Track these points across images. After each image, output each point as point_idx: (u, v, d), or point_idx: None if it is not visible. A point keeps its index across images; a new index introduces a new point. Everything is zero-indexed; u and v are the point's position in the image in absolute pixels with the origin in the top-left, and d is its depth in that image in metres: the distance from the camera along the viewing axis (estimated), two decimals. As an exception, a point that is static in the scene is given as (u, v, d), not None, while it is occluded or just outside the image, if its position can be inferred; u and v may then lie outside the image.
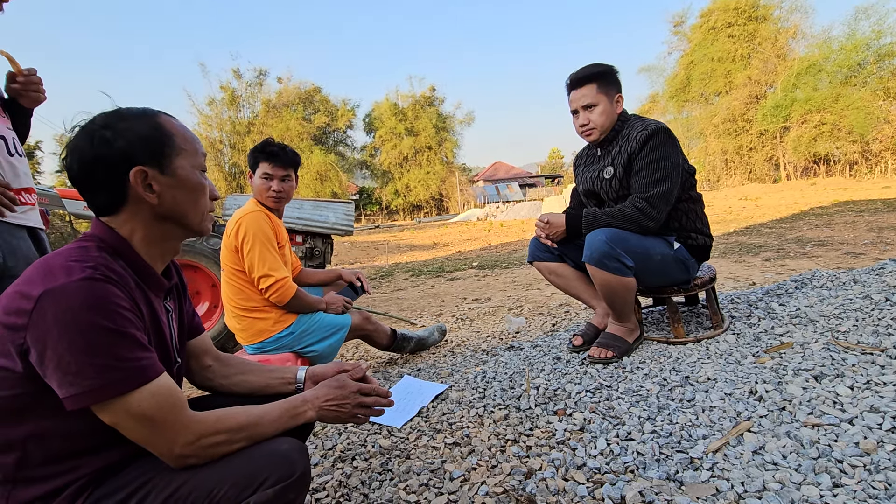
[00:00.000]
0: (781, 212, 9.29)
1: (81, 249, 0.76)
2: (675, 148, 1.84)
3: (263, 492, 0.74)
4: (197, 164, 0.87)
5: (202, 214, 0.89)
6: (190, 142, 0.86)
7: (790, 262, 4.10)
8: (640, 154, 1.83)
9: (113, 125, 0.79)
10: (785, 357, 1.62)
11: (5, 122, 1.40)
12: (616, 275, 1.77)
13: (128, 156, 0.79)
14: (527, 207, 23.23)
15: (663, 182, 1.80)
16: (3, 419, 0.70)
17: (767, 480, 1.09)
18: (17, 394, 0.70)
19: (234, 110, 30.29)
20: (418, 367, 2.28)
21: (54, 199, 3.35)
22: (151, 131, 0.81)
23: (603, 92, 1.89)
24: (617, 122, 1.93)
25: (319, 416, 0.92)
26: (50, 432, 0.72)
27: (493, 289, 4.46)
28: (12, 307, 0.69)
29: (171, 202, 0.83)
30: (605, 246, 1.75)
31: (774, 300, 2.22)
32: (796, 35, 22.50)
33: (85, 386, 0.67)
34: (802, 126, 20.33)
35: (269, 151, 2.02)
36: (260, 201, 2.06)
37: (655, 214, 1.80)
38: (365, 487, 1.32)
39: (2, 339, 0.69)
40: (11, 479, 0.71)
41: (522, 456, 1.36)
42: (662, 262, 1.85)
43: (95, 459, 0.75)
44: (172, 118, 0.87)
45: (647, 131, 1.82)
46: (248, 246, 1.90)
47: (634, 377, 1.70)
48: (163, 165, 0.82)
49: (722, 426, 1.33)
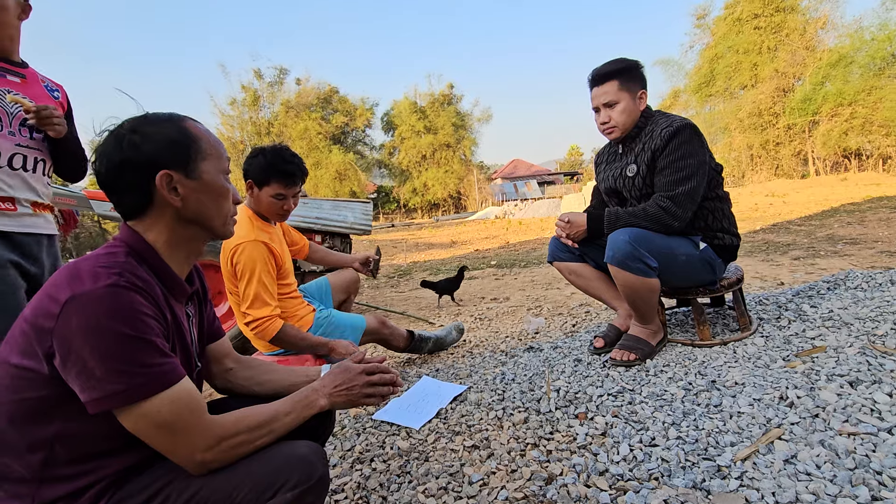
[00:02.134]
0: (810, 208, 8.99)
1: (110, 255, 0.78)
2: (702, 145, 1.78)
3: (283, 495, 0.74)
4: (221, 169, 0.88)
5: (225, 218, 0.90)
6: (214, 146, 0.87)
7: (820, 262, 3.96)
8: (665, 151, 1.77)
9: (140, 129, 0.81)
10: (817, 361, 1.56)
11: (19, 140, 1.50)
12: (639, 276, 1.73)
13: (154, 160, 0.80)
14: (545, 205, 23.03)
15: (688, 180, 1.74)
16: (30, 420, 0.71)
17: (800, 491, 1.05)
18: (43, 395, 0.71)
19: (254, 111, 30.77)
20: (436, 368, 2.27)
21: (82, 200, 3.44)
22: (178, 136, 0.82)
23: (625, 89, 1.84)
24: (640, 118, 1.88)
25: (332, 402, 0.93)
26: (75, 433, 0.73)
27: (511, 288, 4.42)
28: (40, 310, 0.71)
29: (196, 205, 0.84)
30: (628, 246, 1.71)
31: (805, 302, 2.14)
32: (826, 25, 21.74)
33: (107, 390, 0.68)
34: (832, 119, 19.64)
35: (286, 171, 1.86)
36: (260, 214, 1.94)
37: (680, 213, 1.75)
38: (383, 490, 1.32)
39: (29, 341, 0.71)
40: (38, 478, 0.72)
41: (543, 460, 1.34)
42: (688, 262, 1.80)
43: (118, 460, 0.76)
44: (198, 123, 0.88)
45: (672, 128, 1.76)
46: (242, 280, 1.81)
47: (658, 381, 1.66)
48: (188, 169, 0.83)
49: (751, 433, 1.28)
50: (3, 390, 0.72)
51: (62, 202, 3.47)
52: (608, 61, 1.89)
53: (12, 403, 0.71)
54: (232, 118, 30.24)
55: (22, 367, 0.71)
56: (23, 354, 0.71)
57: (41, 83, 1.61)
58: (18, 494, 0.72)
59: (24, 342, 0.71)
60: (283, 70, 31.07)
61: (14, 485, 0.72)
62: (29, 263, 1.50)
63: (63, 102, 1.68)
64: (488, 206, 29.25)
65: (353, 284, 2.43)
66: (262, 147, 1.92)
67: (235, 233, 1.85)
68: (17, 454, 0.72)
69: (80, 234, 13.29)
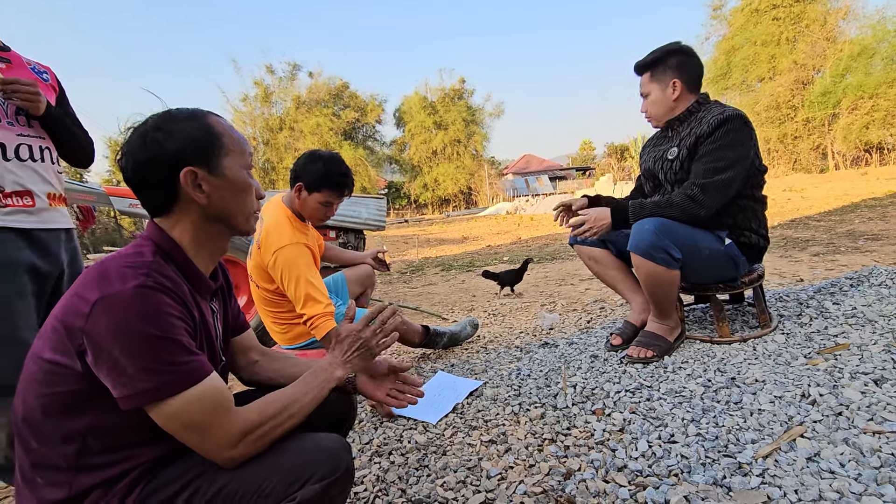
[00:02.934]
0: (830, 203, 8.80)
1: (137, 254, 0.79)
2: (749, 138, 1.75)
3: (310, 487, 0.75)
4: (244, 164, 0.89)
5: (248, 214, 0.90)
6: (237, 142, 0.88)
7: (841, 258, 3.89)
8: (710, 139, 1.75)
9: (164, 127, 0.82)
10: (840, 359, 1.54)
11: (19, 130, 1.42)
12: (662, 266, 1.71)
13: (179, 156, 0.81)
14: (557, 200, 22.88)
15: (724, 171, 1.72)
16: (65, 412, 0.74)
17: (824, 489, 1.04)
18: (76, 389, 0.73)
19: (266, 107, 30.92)
20: (451, 363, 2.28)
21: (101, 196, 3.50)
22: (201, 132, 0.83)
23: (655, 80, 1.90)
24: (693, 104, 1.87)
25: (349, 369, 0.96)
26: (107, 425, 0.75)
27: (524, 284, 4.41)
28: (71, 309, 0.73)
29: (220, 202, 0.85)
30: (653, 236, 1.69)
31: (828, 298, 2.11)
32: (847, 16, 21.17)
33: (137, 388, 0.70)
34: (853, 113, 19.16)
35: (340, 183, 1.92)
36: (299, 214, 1.99)
37: (707, 202, 1.72)
38: (402, 483, 1.33)
39: (62, 338, 0.73)
40: (74, 467, 0.74)
41: (560, 456, 1.34)
42: (711, 256, 1.78)
43: (151, 450, 0.78)
44: (221, 119, 0.89)
45: (723, 116, 1.74)
46: (291, 283, 1.83)
47: (677, 377, 1.65)
48: (212, 166, 0.83)
49: (772, 430, 1.27)
50: (36, 384, 0.74)
51: (81, 198, 3.54)
52: (651, 51, 1.92)
53: (46, 396, 0.73)
54: (244, 114, 30.40)
55: (55, 363, 0.73)
56: (55, 351, 0.73)
57: (27, 66, 1.53)
58: (56, 482, 0.74)
59: (55, 339, 0.73)
60: (295, 66, 31.16)
61: (51, 473, 0.74)
62: (44, 262, 1.42)
63: (54, 84, 1.61)
64: (499, 202, 29.15)
65: (368, 279, 2.45)
66: (318, 154, 1.94)
67: (279, 235, 1.85)
68: (53, 444, 0.74)
69: (95, 229, 13.53)
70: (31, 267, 1.38)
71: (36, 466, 0.75)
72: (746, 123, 1.75)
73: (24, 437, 0.75)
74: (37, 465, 0.75)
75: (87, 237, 14.25)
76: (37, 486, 0.74)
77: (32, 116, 1.45)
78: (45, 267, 1.42)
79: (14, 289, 1.34)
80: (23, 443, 0.76)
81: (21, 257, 1.36)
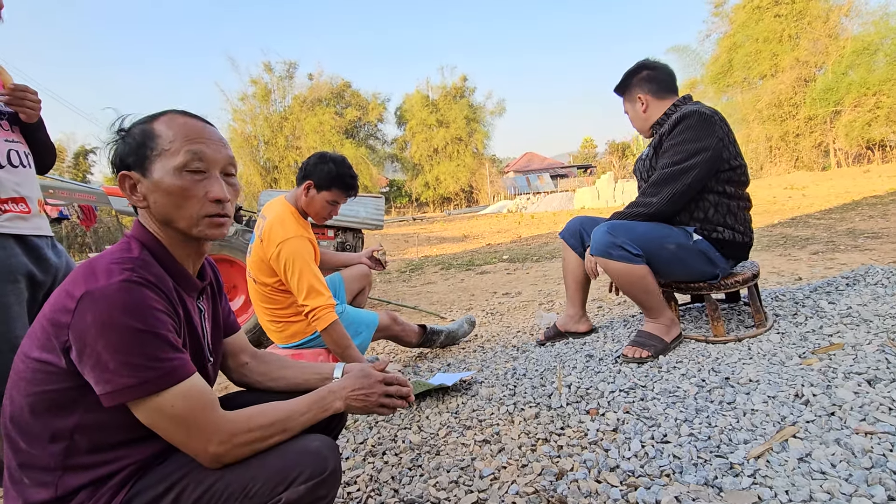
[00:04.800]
0: (831, 201, 8.78)
1: (125, 250, 0.80)
2: (708, 132, 1.78)
3: (296, 488, 0.75)
4: (179, 165, 0.80)
5: (190, 219, 0.83)
6: (176, 141, 0.81)
7: (840, 256, 3.88)
8: (670, 136, 1.85)
9: (125, 129, 0.85)
10: (834, 359, 1.54)
11: (5, 135, 1.39)
12: (623, 262, 1.79)
13: (121, 160, 0.83)
14: (558, 199, 22.86)
15: (679, 163, 1.79)
16: (52, 411, 0.74)
17: (814, 490, 1.04)
18: (62, 388, 0.73)
19: (266, 105, 30.91)
20: (448, 363, 2.28)
21: (101, 196, 3.52)
22: (139, 135, 0.83)
23: (628, 100, 2.05)
24: (669, 107, 1.96)
25: (346, 406, 0.92)
26: (94, 424, 0.75)
27: (523, 283, 4.41)
28: (58, 305, 0.73)
29: (156, 206, 0.82)
30: (605, 236, 1.81)
31: (823, 298, 2.11)
32: (850, 13, 21.07)
33: (119, 384, 0.70)
34: (855, 110, 19.08)
35: (349, 184, 2.01)
36: (303, 212, 2.04)
37: (656, 191, 1.83)
38: (395, 482, 1.34)
39: (48, 335, 0.73)
40: (61, 467, 0.75)
41: (553, 456, 1.34)
42: (678, 252, 1.81)
43: (139, 450, 0.78)
44: (179, 116, 0.84)
45: (681, 114, 1.83)
46: (294, 274, 1.86)
47: (671, 377, 1.65)
48: (144, 169, 0.82)
49: (764, 431, 1.27)
50: (24, 383, 0.75)
51: (82, 198, 3.56)
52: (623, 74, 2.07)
53: (33, 395, 0.74)
54: (243, 113, 30.42)
55: (41, 361, 0.73)
56: (42, 349, 0.73)
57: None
58: (43, 482, 0.74)
59: (42, 337, 0.74)
60: (292, 64, 31.15)
61: (38, 473, 0.75)
62: (39, 270, 1.41)
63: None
64: (501, 200, 29.13)
65: (365, 278, 2.46)
66: (329, 156, 2.02)
67: (283, 228, 1.89)
68: (41, 444, 0.74)
69: (98, 228, 13.58)
70: (28, 273, 1.38)
71: (23, 467, 0.75)
72: (706, 119, 1.79)
73: (12, 438, 0.76)
74: (24, 466, 0.75)
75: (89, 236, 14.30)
76: (24, 487, 0.75)
77: (15, 122, 1.43)
78: (40, 275, 1.42)
79: (13, 294, 1.34)
80: (11, 443, 0.76)
81: (20, 263, 1.36)
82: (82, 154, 30.06)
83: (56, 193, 3.38)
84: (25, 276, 1.37)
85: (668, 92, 1.97)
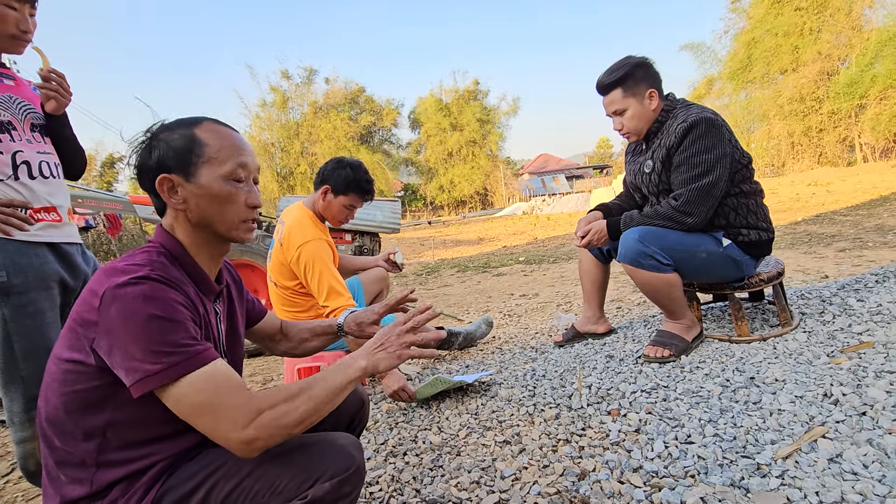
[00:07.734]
0: (857, 197, 8.53)
1: (145, 254, 0.84)
2: (720, 138, 1.73)
3: (321, 485, 0.77)
4: (226, 174, 0.87)
5: (231, 223, 0.89)
6: (224, 150, 0.87)
7: (868, 253, 3.77)
8: (679, 148, 1.75)
9: (157, 135, 0.87)
10: (864, 358, 1.49)
11: (37, 147, 1.43)
12: (653, 272, 1.74)
13: (161, 164, 0.85)
14: (574, 200, 22.67)
15: (704, 176, 1.71)
16: (84, 409, 0.77)
17: (846, 491, 1.01)
18: (92, 386, 0.76)
19: (284, 112, 31.35)
20: (466, 364, 2.28)
21: (127, 204, 3.63)
22: (183, 140, 0.86)
23: (630, 94, 1.82)
24: (661, 112, 1.85)
25: (372, 362, 0.88)
26: (125, 420, 0.78)
27: (540, 284, 4.39)
28: (84, 305, 0.76)
29: (197, 209, 0.87)
30: (637, 244, 1.73)
31: (851, 295, 2.05)
32: (873, 4, 20.47)
33: (146, 371, 0.72)
34: (882, 103, 18.49)
35: (366, 189, 2.04)
36: (320, 216, 2.08)
37: (693, 210, 1.73)
38: (417, 483, 1.34)
39: (77, 335, 0.76)
40: (94, 463, 0.77)
41: (575, 456, 1.33)
42: (709, 260, 1.78)
43: (170, 445, 0.81)
44: (219, 126, 0.90)
45: (686, 124, 1.73)
46: (314, 276, 1.90)
47: (694, 377, 1.62)
48: (188, 173, 0.86)
49: (792, 431, 1.24)
50: (57, 384, 0.77)
51: (108, 206, 3.66)
52: (610, 67, 1.85)
53: (66, 395, 0.77)
54: (262, 120, 30.88)
55: (72, 361, 0.76)
56: (71, 349, 0.76)
57: (28, 85, 1.52)
58: (78, 479, 0.77)
59: (72, 337, 0.77)
60: (311, 70, 31.53)
61: (74, 470, 0.77)
62: (71, 276, 1.45)
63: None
64: (515, 202, 29.02)
65: (382, 281, 2.47)
66: (347, 161, 2.05)
67: (302, 232, 1.95)
68: (75, 442, 0.77)
69: (122, 236, 13.91)
70: (61, 280, 1.43)
71: (60, 464, 0.78)
72: (712, 125, 1.72)
73: (48, 437, 0.79)
74: (60, 463, 0.78)
75: (115, 244, 14.68)
76: (60, 484, 0.78)
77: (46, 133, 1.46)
78: (71, 282, 1.46)
79: (47, 301, 1.38)
80: (47, 442, 0.79)
81: (53, 270, 1.40)
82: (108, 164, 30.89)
83: (84, 202, 3.49)
84: (58, 283, 1.42)
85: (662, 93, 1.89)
